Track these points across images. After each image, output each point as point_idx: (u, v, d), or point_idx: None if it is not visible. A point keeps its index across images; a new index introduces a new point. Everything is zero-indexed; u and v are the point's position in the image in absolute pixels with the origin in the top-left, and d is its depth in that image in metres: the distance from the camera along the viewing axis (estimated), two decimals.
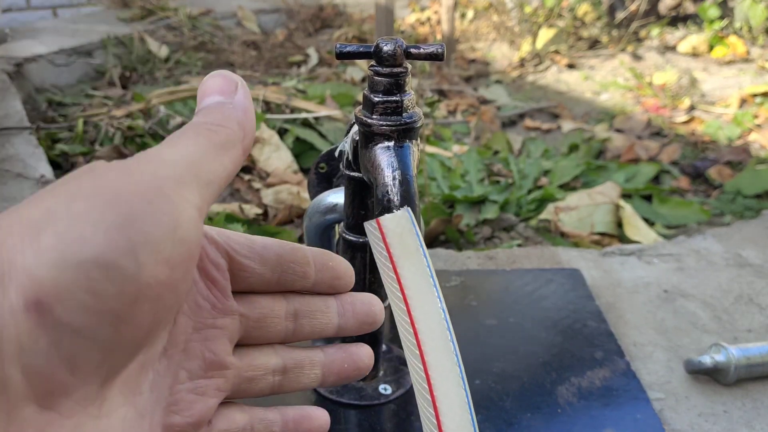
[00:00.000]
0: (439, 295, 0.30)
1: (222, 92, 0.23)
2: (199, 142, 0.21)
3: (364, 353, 0.30)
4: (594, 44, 2.34)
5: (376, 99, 0.38)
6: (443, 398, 0.29)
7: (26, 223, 0.17)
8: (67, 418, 0.18)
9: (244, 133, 0.23)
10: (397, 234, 0.31)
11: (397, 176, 0.36)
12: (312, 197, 0.57)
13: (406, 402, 0.52)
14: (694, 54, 2.19)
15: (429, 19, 2.62)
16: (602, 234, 1.02)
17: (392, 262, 0.30)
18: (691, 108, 1.76)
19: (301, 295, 0.28)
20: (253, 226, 1.01)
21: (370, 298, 0.30)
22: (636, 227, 1.03)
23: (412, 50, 0.37)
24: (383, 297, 0.51)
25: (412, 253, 0.30)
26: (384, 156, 0.37)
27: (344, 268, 0.29)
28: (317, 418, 0.29)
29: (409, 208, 0.32)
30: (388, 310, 0.58)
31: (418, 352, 0.30)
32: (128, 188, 0.18)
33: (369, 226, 0.31)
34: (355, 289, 0.54)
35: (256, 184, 1.19)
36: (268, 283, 0.27)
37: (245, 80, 0.29)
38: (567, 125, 1.64)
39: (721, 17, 2.35)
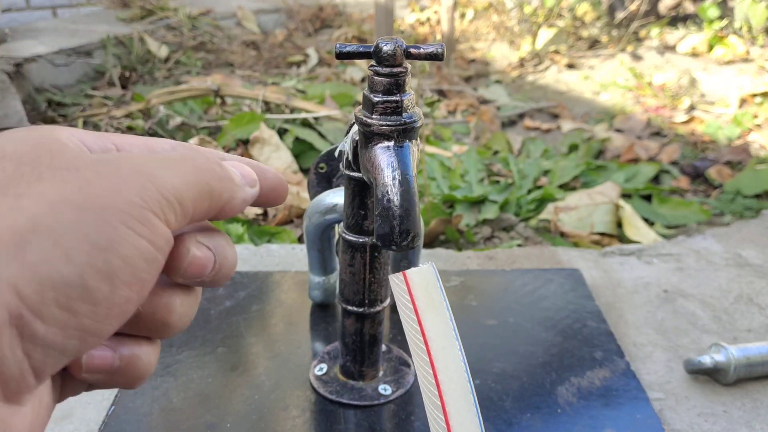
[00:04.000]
0: (460, 349, 0.31)
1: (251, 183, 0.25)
2: (193, 179, 0.22)
3: None
4: (594, 44, 2.34)
5: (376, 99, 0.38)
6: None
7: (11, 233, 0.18)
8: (23, 406, 0.19)
9: (233, 203, 0.24)
10: (422, 287, 0.32)
11: (397, 176, 0.36)
12: (312, 197, 0.57)
13: (406, 402, 0.52)
14: (694, 54, 2.19)
15: (429, 19, 2.62)
16: (602, 234, 1.02)
17: (417, 314, 0.31)
18: (691, 108, 1.76)
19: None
20: (253, 226, 1.01)
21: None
22: (636, 227, 1.03)
23: (412, 50, 0.37)
24: (384, 297, 0.50)
25: (436, 307, 0.31)
26: (384, 156, 0.37)
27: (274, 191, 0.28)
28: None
29: (433, 263, 0.32)
30: (389, 309, 0.58)
31: (439, 403, 0.30)
32: (115, 205, 0.19)
33: (395, 278, 0.32)
34: (354, 289, 0.54)
35: None
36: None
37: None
38: (567, 125, 1.64)
39: (721, 17, 2.35)
